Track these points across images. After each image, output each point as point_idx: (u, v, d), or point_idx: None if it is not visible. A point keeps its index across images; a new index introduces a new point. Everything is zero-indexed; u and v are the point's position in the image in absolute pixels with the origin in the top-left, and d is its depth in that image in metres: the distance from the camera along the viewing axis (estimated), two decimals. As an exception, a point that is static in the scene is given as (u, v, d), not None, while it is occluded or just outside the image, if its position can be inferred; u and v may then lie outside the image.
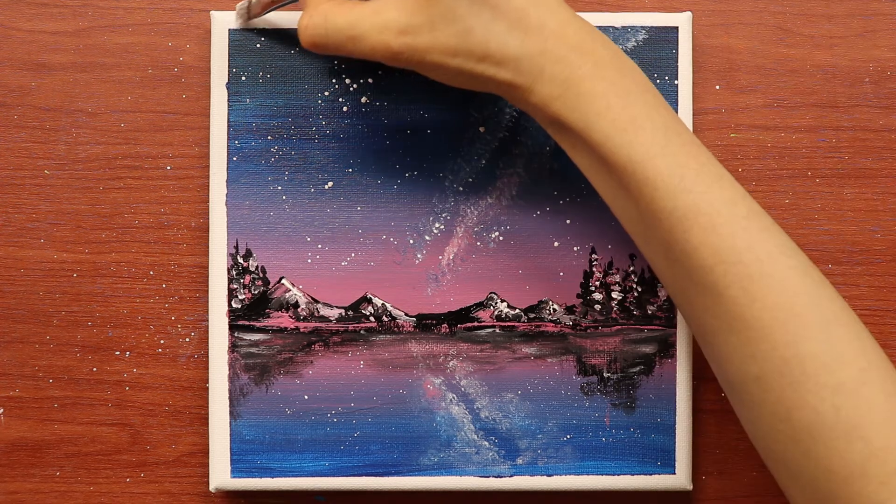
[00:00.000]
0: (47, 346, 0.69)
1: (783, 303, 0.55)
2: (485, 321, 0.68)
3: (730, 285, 0.55)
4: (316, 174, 0.67)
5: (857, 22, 0.70)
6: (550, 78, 0.57)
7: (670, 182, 0.55)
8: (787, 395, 0.55)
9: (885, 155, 0.70)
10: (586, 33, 0.57)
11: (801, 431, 0.55)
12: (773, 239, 0.56)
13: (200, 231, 0.69)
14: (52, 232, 0.69)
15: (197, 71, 0.69)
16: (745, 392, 0.56)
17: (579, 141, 0.57)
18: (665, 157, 0.56)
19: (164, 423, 0.70)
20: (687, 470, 0.68)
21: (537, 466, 0.68)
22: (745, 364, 0.56)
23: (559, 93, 0.57)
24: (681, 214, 0.55)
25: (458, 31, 0.57)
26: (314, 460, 0.67)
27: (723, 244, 0.55)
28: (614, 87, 0.57)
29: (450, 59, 0.58)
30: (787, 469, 0.56)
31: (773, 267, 0.55)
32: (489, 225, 0.68)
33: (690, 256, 0.56)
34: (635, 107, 0.56)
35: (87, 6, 0.69)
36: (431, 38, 0.57)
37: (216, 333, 0.67)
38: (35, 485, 0.70)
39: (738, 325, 0.55)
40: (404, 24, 0.58)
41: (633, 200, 0.57)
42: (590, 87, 0.56)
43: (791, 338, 0.55)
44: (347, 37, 0.59)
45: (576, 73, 0.57)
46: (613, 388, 0.68)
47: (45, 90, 0.69)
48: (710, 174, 0.56)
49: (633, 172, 0.56)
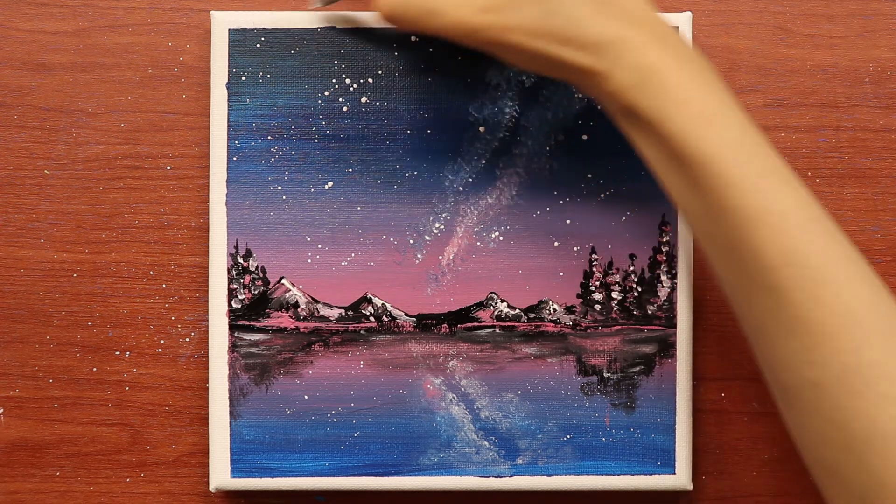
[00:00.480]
0: (47, 346, 0.69)
1: (847, 309, 0.54)
2: (485, 321, 0.68)
3: (794, 288, 0.54)
4: (316, 174, 0.67)
5: (857, 22, 0.70)
6: (630, 66, 0.56)
7: (743, 179, 0.55)
8: (844, 403, 0.54)
9: (885, 155, 0.70)
10: (665, 26, 0.57)
11: (856, 441, 0.54)
12: (839, 245, 0.55)
13: (200, 231, 0.69)
14: (52, 232, 0.69)
15: (197, 71, 0.69)
16: (800, 398, 0.55)
17: (652, 132, 0.57)
18: (739, 155, 0.55)
19: (164, 423, 0.70)
20: (687, 470, 0.68)
21: (537, 466, 0.68)
22: (802, 369, 0.55)
23: (636, 82, 0.56)
24: (751, 213, 0.55)
25: (541, 12, 0.56)
26: (314, 460, 0.67)
27: (791, 245, 0.54)
28: (693, 82, 0.56)
29: (531, 40, 0.57)
30: (837, 479, 0.55)
31: (839, 272, 0.54)
32: (489, 225, 0.68)
33: (756, 256, 0.55)
34: (712, 102, 0.56)
35: (87, 6, 0.69)
36: (515, 17, 0.57)
37: (216, 333, 0.67)
38: (35, 485, 0.70)
39: (800, 329, 0.54)
40: (487, 2, 0.57)
41: (702, 195, 0.56)
42: (668, 78, 0.56)
43: (853, 345, 0.54)
44: (427, 10, 0.58)
45: (655, 63, 0.56)
46: (613, 388, 0.68)
47: (45, 90, 0.69)
48: (781, 175, 0.56)
49: (705, 167, 0.55)
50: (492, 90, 0.67)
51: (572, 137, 0.67)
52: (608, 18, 0.56)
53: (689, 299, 0.67)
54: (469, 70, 0.67)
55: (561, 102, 0.67)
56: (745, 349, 0.70)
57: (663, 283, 0.67)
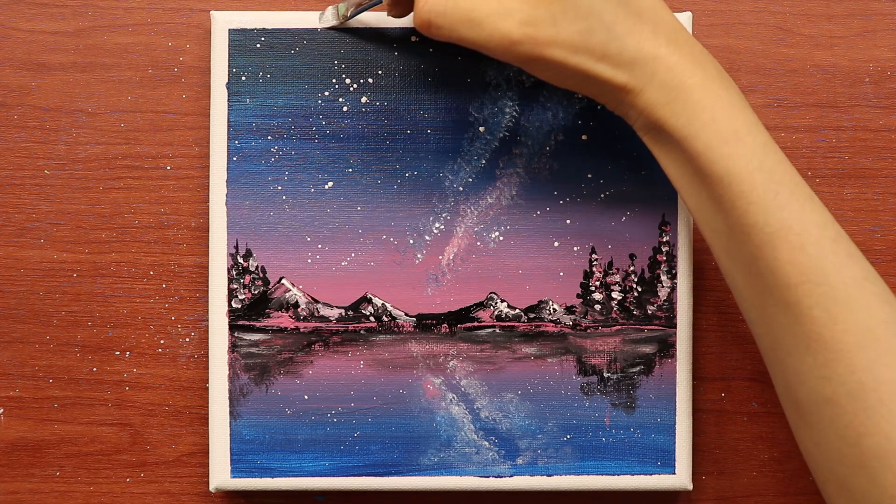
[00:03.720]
0: (47, 346, 0.69)
1: (865, 327, 0.55)
2: (485, 321, 0.68)
3: (813, 305, 0.55)
4: (316, 174, 0.67)
5: (857, 22, 0.70)
6: (661, 84, 0.57)
7: (765, 197, 0.56)
8: (859, 420, 0.54)
9: (885, 155, 0.70)
10: (695, 45, 0.58)
11: (869, 457, 0.54)
12: (858, 265, 0.56)
13: (200, 231, 0.69)
14: (52, 232, 0.69)
15: (197, 71, 0.69)
16: (815, 414, 0.56)
17: (678, 148, 0.58)
18: (762, 173, 0.56)
19: (164, 423, 0.70)
20: (687, 470, 0.68)
21: (537, 466, 0.68)
22: (818, 385, 0.56)
23: (667, 99, 0.57)
24: (772, 230, 0.56)
25: (580, 29, 0.57)
26: (314, 460, 0.67)
27: (810, 264, 0.55)
28: (720, 101, 0.57)
29: (571, 55, 0.57)
30: (849, 495, 0.56)
31: (858, 292, 0.55)
32: (489, 225, 0.68)
33: (776, 273, 0.56)
34: (738, 121, 0.57)
35: (87, 6, 0.69)
36: (556, 32, 0.57)
37: (216, 333, 0.67)
38: (35, 485, 0.70)
39: (817, 346, 0.55)
40: (528, 15, 0.57)
41: (724, 212, 0.57)
42: (698, 97, 0.57)
43: (869, 362, 0.54)
44: (467, 18, 0.58)
45: (686, 81, 0.57)
46: (613, 388, 0.68)
47: (45, 90, 0.69)
48: (802, 194, 0.57)
49: (729, 184, 0.56)
50: (492, 90, 0.67)
51: (572, 137, 0.67)
52: (645, 36, 0.57)
53: (689, 299, 0.67)
54: (469, 70, 0.67)
55: (561, 102, 0.67)
56: (746, 349, 0.70)
57: (663, 283, 0.68)
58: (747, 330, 0.70)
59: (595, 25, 0.57)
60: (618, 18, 0.57)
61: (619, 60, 0.57)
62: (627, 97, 0.58)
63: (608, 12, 0.57)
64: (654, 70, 0.57)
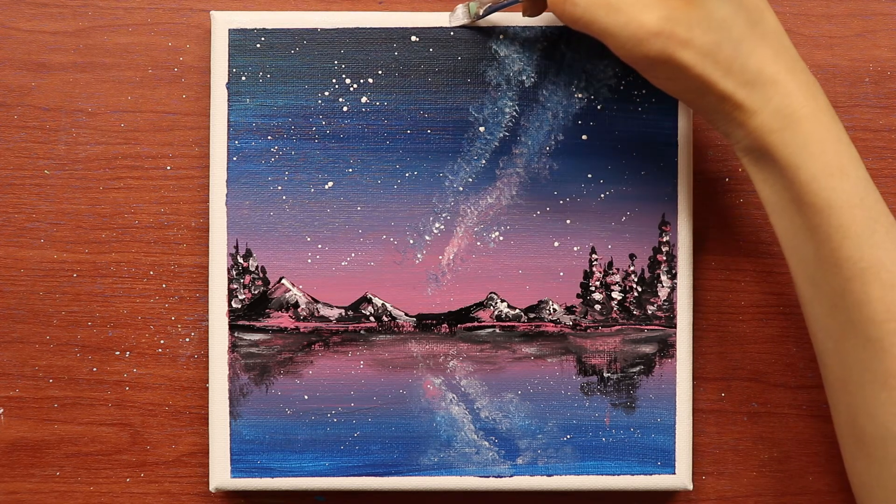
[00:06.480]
0: (47, 346, 0.69)
1: None
2: (485, 321, 0.68)
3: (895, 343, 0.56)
4: (316, 174, 0.67)
5: (857, 22, 0.70)
6: (776, 110, 0.57)
7: (862, 233, 0.57)
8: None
9: (885, 155, 0.70)
10: (810, 75, 0.59)
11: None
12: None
13: (200, 231, 0.69)
14: (52, 232, 0.69)
15: (197, 71, 0.69)
16: (881, 449, 0.57)
17: (780, 175, 0.58)
18: (862, 209, 0.57)
19: (164, 423, 0.70)
20: (687, 470, 0.68)
21: (537, 466, 0.68)
22: (889, 421, 0.57)
23: (779, 126, 0.57)
24: (865, 266, 0.56)
25: (712, 39, 0.57)
26: (314, 460, 0.67)
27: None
28: (829, 134, 0.58)
29: (701, 60, 0.57)
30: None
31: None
32: (489, 225, 0.68)
33: (862, 308, 0.57)
34: (844, 156, 0.57)
35: (87, 6, 0.69)
36: (690, 36, 0.57)
37: (216, 333, 0.67)
38: (35, 485, 0.70)
39: (894, 383, 0.56)
40: (668, 13, 0.57)
41: (817, 242, 0.58)
42: (809, 128, 0.57)
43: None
44: (605, 3, 0.57)
45: (799, 111, 0.57)
46: (613, 388, 0.68)
47: (45, 90, 0.69)
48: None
49: (829, 216, 0.57)
50: (492, 90, 0.67)
51: (572, 137, 0.67)
52: (767, 59, 0.58)
53: (689, 299, 0.67)
54: (469, 70, 0.67)
55: (561, 102, 0.67)
56: (745, 349, 0.70)
57: (663, 283, 0.68)
58: (747, 330, 0.70)
59: (725, 39, 0.57)
60: (745, 36, 0.57)
61: (742, 79, 0.58)
62: (741, 116, 0.58)
63: (738, 29, 0.57)
64: (771, 94, 0.58)
